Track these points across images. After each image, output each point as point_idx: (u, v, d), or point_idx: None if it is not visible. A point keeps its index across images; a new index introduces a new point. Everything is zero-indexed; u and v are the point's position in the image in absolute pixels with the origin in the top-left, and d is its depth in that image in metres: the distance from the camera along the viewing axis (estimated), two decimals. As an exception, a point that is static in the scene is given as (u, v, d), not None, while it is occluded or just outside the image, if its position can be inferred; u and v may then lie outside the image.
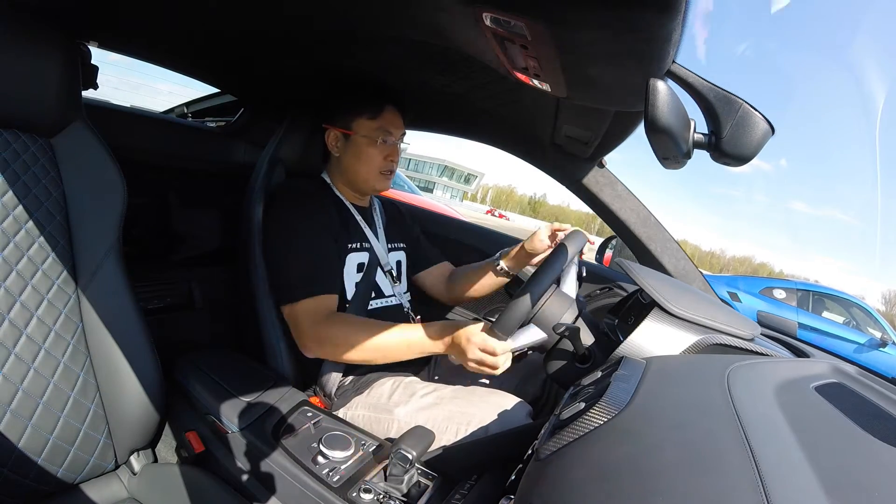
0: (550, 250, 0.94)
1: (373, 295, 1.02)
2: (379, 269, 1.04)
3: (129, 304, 0.78)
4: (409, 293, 1.13)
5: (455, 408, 0.86)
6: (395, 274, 1.09)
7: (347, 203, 1.04)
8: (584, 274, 0.93)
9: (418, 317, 1.10)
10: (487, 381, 1.04)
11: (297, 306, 0.89)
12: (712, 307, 0.75)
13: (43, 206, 0.72)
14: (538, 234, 1.01)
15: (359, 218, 1.04)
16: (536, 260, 1.04)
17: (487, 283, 1.12)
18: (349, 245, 0.99)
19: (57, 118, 0.74)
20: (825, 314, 4.54)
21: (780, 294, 4.46)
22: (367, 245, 1.03)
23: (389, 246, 1.10)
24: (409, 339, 0.83)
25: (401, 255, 1.14)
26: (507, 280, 1.12)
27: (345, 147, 1.01)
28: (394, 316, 1.03)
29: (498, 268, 1.08)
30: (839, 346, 4.13)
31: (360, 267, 1.00)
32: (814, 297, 4.56)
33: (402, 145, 1.08)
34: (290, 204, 0.97)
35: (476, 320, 0.97)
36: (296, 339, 0.91)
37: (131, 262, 0.80)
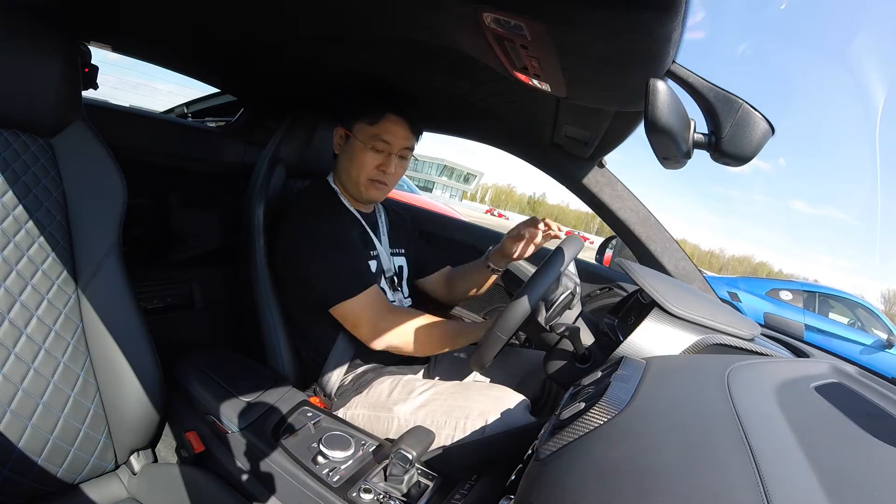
0: (525, 243, 1.02)
1: None
2: (382, 275, 1.04)
3: (129, 304, 0.78)
4: (409, 297, 1.13)
5: (454, 402, 0.86)
6: (396, 279, 1.09)
7: (354, 212, 1.04)
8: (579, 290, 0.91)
9: None
10: (487, 379, 1.05)
11: (356, 301, 0.89)
12: (712, 307, 0.76)
13: (43, 206, 0.72)
14: (511, 234, 1.05)
15: (366, 226, 1.04)
16: (515, 255, 1.06)
17: (481, 280, 1.15)
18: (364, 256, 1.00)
19: (57, 118, 0.74)
20: (831, 315, 4.52)
21: (786, 296, 4.44)
22: (374, 253, 1.03)
23: (392, 251, 1.10)
24: (456, 328, 0.89)
25: (402, 261, 1.14)
26: (499, 275, 1.15)
27: (343, 147, 1.01)
28: None
29: (488, 267, 1.12)
30: (846, 347, 4.07)
31: None
32: (819, 299, 4.53)
33: None
34: (308, 217, 0.95)
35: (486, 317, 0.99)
36: (357, 334, 0.91)
37: (131, 262, 0.80)
